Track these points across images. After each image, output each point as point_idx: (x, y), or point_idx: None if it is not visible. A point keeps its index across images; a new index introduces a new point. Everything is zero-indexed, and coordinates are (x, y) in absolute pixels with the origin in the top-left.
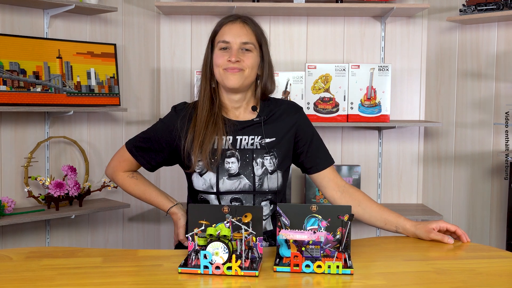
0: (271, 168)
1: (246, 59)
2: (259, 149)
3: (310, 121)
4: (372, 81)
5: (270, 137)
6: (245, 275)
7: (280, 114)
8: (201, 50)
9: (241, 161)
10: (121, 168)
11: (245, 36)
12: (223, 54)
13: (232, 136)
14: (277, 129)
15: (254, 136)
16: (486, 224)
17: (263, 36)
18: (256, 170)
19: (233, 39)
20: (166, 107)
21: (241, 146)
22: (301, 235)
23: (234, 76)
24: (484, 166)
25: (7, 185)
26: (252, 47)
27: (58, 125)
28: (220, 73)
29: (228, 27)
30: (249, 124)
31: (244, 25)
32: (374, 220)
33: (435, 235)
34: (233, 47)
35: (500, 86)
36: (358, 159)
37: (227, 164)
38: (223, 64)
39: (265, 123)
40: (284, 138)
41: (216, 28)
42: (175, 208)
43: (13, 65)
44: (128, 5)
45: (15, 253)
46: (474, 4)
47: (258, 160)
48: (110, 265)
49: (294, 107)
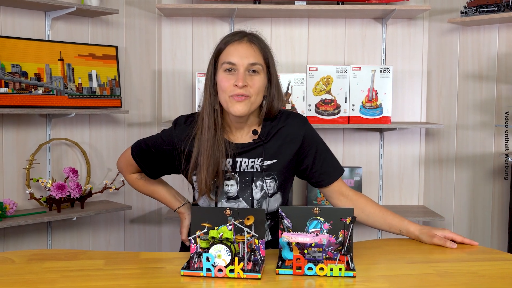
0: (271, 192)
1: (253, 84)
2: (259, 171)
3: (315, 134)
4: (373, 83)
5: (270, 158)
6: (247, 277)
7: (282, 129)
8: (203, 52)
9: (240, 183)
10: (129, 171)
11: (252, 57)
12: (228, 77)
13: (232, 158)
14: (278, 148)
15: (255, 158)
16: (487, 226)
17: (271, 55)
18: (255, 194)
19: (240, 60)
20: (167, 109)
21: (241, 169)
22: (304, 238)
23: (240, 105)
24: (486, 168)
25: (9, 187)
26: (259, 68)
27: (60, 127)
28: (226, 99)
29: (233, 47)
30: (250, 147)
31: (251, 45)
32: (379, 225)
33: (438, 240)
34: (240, 70)
35: (502, 87)
36: (359, 161)
37: (226, 186)
38: (229, 90)
39: (266, 143)
40: (285, 158)
41: (221, 46)
42: (182, 208)
43: (14, 67)
44: (130, 7)
45: (18, 255)
46: (475, 5)
47: (257, 183)
48: (113, 267)
49: (297, 119)
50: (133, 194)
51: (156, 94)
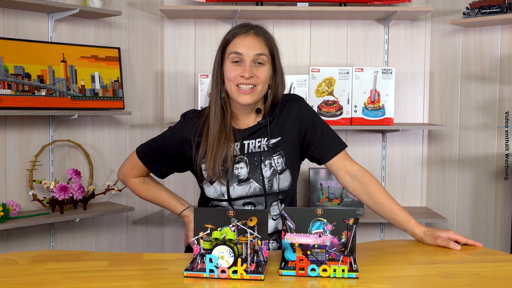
0: (279, 168)
1: (259, 74)
2: (266, 151)
3: (312, 110)
4: (375, 84)
5: (275, 137)
6: (250, 278)
7: (283, 109)
8: (205, 54)
9: (249, 165)
10: (132, 174)
11: (258, 48)
12: (235, 68)
13: (240, 141)
14: (281, 126)
15: (261, 138)
16: (490, 227)
17: (276, 47)
18: (265, 172)
19: (246, 50)
20: (169, 111)
21: (249, 150)
22: (307, 239)
23: (247, 95)
24: (488, 169)
25: (12, 188)
26: (265, 59)
27: (63, 128)
28: (232, 89)
29: (240, 39)
30: (256, 129)
31: (258, 37)
32: (384, 216)
33: (442, 242)
34: (246, 61)
35: (504, 89)
36: (361, 162)
37: (236, 170)
38: (236, 79)
39: (271, 123)
40: (288, 135)
41: (228, 37)
42: (186, 211)
43: (17, 69)
44: (132, 9)
45: (21, 256)
46: (477, 7)
47: (266, 162)
48: (116, 268)
49: (294, 99)
50: (136, 196)
51: (158, 96)
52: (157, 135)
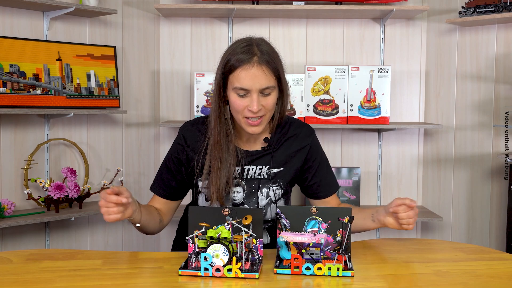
0: (275, 198)
1: (266, 104)
2: (265, 179)
3: (320, 148)
4: (371, 83)
5: (278, 166)
6: (245, 277)
7: (291, 138)
8: (201, 52)
9: (246, 190)
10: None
11: (264, 79)
12: (242, 100)
13: (241, 166)
14: (285, 158)
15: (262, 166)
16: (486, 226)
17: (280, 65)
18: (261, 201)
19: (252, 84)
20: (165, 109)
21: (248, 176)
22: (301, 237)
23: (256, 126)
24: (484, 168)
25: (7, 187)
26: (271, 89)
27: (58, 127)
28: (240, 120)
29: (244, 73)
30: (260, 155)
31: (261, 66)
32: (359, 228)
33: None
34: (253, 95)
35: (500, 88)
36: (357, 161)
37: (233, 193)
38: (244, 112)
39: (275, 151)
40: (292, 168)
41: (233, 63)
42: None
43: (13, 67)
44: (128, 8)
45: (15, 255)
46: (473, 6)
47: (263, 190)
48: (110, 267)
49: (306, 131)
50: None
51: (154, 95)
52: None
